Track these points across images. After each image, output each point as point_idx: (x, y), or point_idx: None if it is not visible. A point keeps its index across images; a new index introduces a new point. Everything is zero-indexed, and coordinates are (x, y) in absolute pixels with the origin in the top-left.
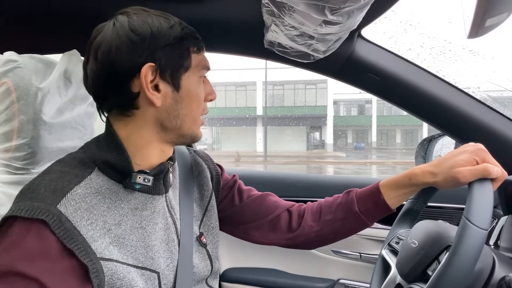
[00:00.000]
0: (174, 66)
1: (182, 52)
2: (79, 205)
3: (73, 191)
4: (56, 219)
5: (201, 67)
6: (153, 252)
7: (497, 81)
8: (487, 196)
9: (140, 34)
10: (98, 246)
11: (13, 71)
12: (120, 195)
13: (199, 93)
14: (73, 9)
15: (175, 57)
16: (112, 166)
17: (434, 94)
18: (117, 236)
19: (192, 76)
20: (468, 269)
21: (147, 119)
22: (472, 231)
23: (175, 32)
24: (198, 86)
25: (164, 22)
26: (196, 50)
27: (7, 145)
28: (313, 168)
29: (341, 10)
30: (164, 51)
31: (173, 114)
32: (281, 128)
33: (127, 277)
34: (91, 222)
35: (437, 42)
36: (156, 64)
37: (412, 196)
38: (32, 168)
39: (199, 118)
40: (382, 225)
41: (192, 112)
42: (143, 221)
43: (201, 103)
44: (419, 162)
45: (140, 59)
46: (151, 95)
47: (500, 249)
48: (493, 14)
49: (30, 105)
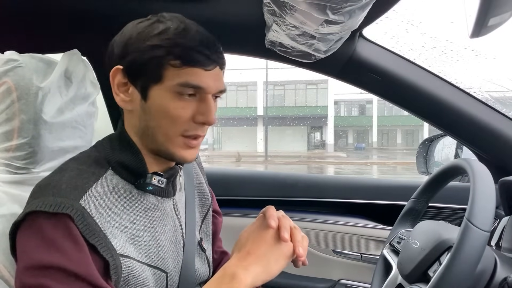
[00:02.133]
0: (142, 73)
1: (153, 62)
2: (99, 202)
3: (93, 188)
4: (79, 214)
5: (180, 84)
6: (163, 252)
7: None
8: (489, 197)
9: (122, 37)
10: (117, 243)
11: (13, 71)
12: (134, 195)
13: (171, 110)
14: (74, 9)
15: (141, 65)
16: (126, 167)
17: (435, 94)
18: (133, 235)
19: (165, 90)
20: (469, 271)
21: (129, 122)
22: (473, 232)
23: (152, 40)
24: (171, 103)
25: (155, 29)
26: (177, 63)
27: (7, 145)
28: (313, 168)
29: (343, 10)
30: (132, 56)
31: (143, 123)
32: (282, 128)
33: (142, 275)
34: (110, 219)
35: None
36: (124, 67)
37: (414, 196)
38: (33, 168)
39: (175, 137)
40: (383, 226)
41: (162, 128)
42: (155, 221)
43: (176, 122)
44: (420, 162)
45: (116, 61)
46: (115, 95)
47: (501, 250)
48: (496, 13)
49: (31, 105)
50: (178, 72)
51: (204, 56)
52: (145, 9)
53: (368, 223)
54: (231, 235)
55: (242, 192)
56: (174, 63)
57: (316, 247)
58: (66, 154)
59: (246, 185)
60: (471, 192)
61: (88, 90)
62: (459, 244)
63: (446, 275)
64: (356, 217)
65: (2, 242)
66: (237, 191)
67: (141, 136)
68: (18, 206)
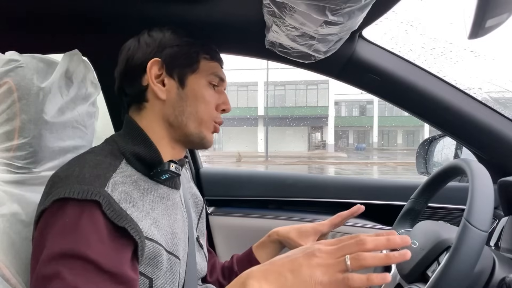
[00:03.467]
0: (181, 64)
1: (190, 54)
2: (122, 189)
3: (113, 177)
4: (106, 200)
5: (211, 73)
6: (177, 239)
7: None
8: (487, 197)
9: (153, 36)
10: (143, 226)
11: (14, 71)
12: (150, 184)
13: (206, 96)
14: (75, 9)
15: (181, 57)
16: (141, 159)
17: (435, 95)
18: (154, 219)
19: (200, 78)
20: (467, 271)
21: (156, 113)
22: (472, 233)
23: (185, 39)
24: (206, 90)
25: (183, 31)
26: (208, 57)
27: (8, 144)
28: (314, 169)
29: (342, 11)
30: (172, 50)
31: (178, 109)
32: (282, 129)
33: (158, 258)
34: (133, 204)
35: (438, 43)
36: (162, 59)
37: (413, 196)
38: (34, 168)
39: (209, 122)
40: (382, 226)
41: (198, 112)
42: (168, 209)
43: (209, 106)
44: (420, 163)
45: (149, 55)
46: (154, 86)
47: (500, 250)
48: (494, 15)
49: (32, 105)
50: (209, 64)
51: (219, 55)
52: (145, 9)
53: (368, 223)
54: (231, 235)
55: (242, 192)
56: (206, 56)
57: None
58: (67, 154)
59: (246, 185)
60: (470, 192)
61: (89, 90)
62: (458, 244)
63: (445, 275)
64: (356, 217)
65: (2, 241)
66: (237, 191)
67: (171, 123)
68: (19, 206)
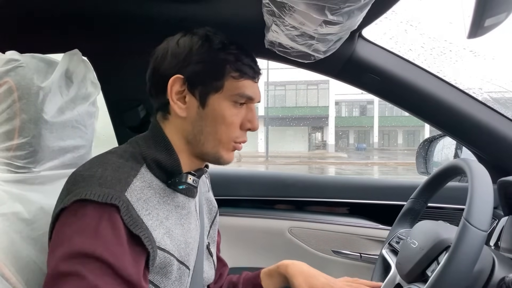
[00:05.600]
0: (204, 82)
1: (215, 73)
2: (140, 196)
3: (134, 183)
4: (125, 206)
5: (237, 94)
6: (189, 249)
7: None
8: (487, 197)
9: (180, 47)
10: (157, 235)
11: (14, 71)
12: (167, 192)
13: (227, 117)
14: (75, 9)
15: (205, 75)
16: (161, 166)
17: (434, 95)
18: (168, 229)
19: (223, 98)
20: (467, 270)
21: (177, 127)
22: (471, 232)
23: (217, 54)
24: (228, 110)
25: (215, 44)
26: (236, 75)
27: (8, 144)
28: (314, 169)
29: (341, 10)
30: (195, 67)
31: (196, 128)
32: (283, 129)
33: (167, 268)
34: (149, 212)
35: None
36: (184, 77)
37: (413, 196)
38: (33, 167)
39: (228, 142)
40: (382, 226)
41: (217, 133)
42: (182, 218)
43: (230, 128)
44: (420, 163)
45: (174, 69)
46: (173, 104)
47: (500, 250)
48: (492, 14)
49: (32, 104)
50: (236, 83)
51: (254, 70)
52: (145, 9)
53: (368, 223)
54: (231, 235)
55: (242, 192)
56: (234, 75)
57: (315, 247)
58: (67, 153)
59: (246, 185)
60: (469, 192)
61: (89, 90)
62: (457, 243)
63: (444, 275)
64: (356, 217)
65: (2, 241)
66: (237, 191)
67: (189, 140)
68: (19, 205)
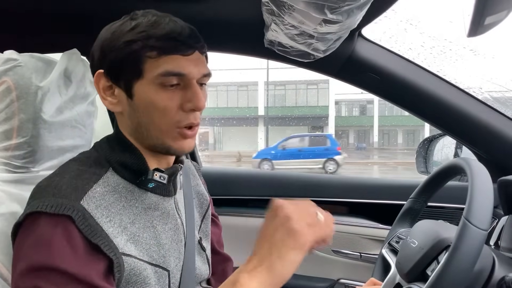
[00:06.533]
0: (124, 72)
1: (130, 57)
2: (99, 203)
3: (93, 189)
4: (80, 215)
5: (160, 74)
6: (165, 251)
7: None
8: (487, 196)
9: (98, 41)
10: (118, 242)
11: (13, 70)
12: (135, 194)
13: (157, 102)
14: (74, 8)
15: (121, 64)
16: (127, 167)
17: (434, 94)
18: (132, 234)
19: (147, 83)
20: (467, 270)
21: (122, 124)
22: (471, 231)
23: (126, 37)
24: (156, 95)
25: (127, 26)
26: (154, 54)
27: (6, 144)
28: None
29: (341, 9)
30: (111, 56)
31: (134, 121)
32: (283, 128)
33: (143, 273)
34: (110, 219)
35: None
36: (104, 70)
37: (413, 195)
38: (32, 167)
39: (171, 130)
40: (382, 225)
41: (154, 122)
42: (154, 220)
43: (165, 113)
44: (420, 162)
45: (97, 65)
46: (103, 100)
47: (500, 249)
48: (492, 12)
49: (30, 104)
50: (156, 63)
51: (179, 42)
52: (143, 8)
53: (367, 223)
54: (231, 234)
55: (241, 191)
56: (151, 55)
57: None
58: (66, 153)
59: (245, 185)
60: (469, 191)
61: (88, 90)
62: (457, 242)
63: (444, 274)
64: (355, 216)
65: (1, 241)
66: (236, 191)
67: (135, 135)
68: (17, 205)
